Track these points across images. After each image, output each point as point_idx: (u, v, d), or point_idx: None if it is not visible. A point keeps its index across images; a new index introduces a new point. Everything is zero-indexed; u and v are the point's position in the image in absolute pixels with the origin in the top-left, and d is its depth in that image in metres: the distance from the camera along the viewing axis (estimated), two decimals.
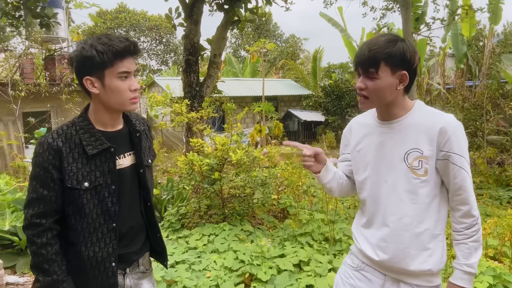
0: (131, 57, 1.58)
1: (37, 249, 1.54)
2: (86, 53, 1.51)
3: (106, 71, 1.53)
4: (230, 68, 24.04)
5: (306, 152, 1.71)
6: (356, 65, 1.60)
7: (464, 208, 1.59)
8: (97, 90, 1.56)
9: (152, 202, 1.81)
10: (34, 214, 1.54)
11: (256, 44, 15.36)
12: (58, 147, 1.54)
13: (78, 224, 1.59)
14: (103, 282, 1.63)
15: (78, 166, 1.56)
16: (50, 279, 1.54)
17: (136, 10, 35.06)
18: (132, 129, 1.73)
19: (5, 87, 9.23)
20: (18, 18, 5.20)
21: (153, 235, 1.83)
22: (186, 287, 3.49)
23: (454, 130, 1.55)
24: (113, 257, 1.63)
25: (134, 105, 1.62)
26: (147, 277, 1.82)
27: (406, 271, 1.63)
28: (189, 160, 4.71)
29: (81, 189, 1.56)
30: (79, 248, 1.60)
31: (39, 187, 1.54)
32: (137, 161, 1.73)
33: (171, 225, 4.96)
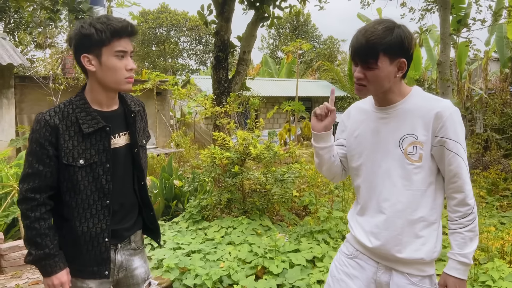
0: (128, 37, 1.62)
1: (30, 223, 1.59)
2: (85, 31, 1.56)
3: (104, 49, 1.58)
4: (266, 68, 24.10)
5: (328, 103, 1.66)
6: (353, 55, 1.57)
7: (459, 196, 1.55)
8: (94, 68, 1.60)
9: (145, 181, 1.85)
10: (28, 189, 1.59)
11: (291, 44, 15.32)
12: (55, 125, 1.58)
13: (73, 200, 1.64)
14: (96, 257, 1.68)
15: (74, 143, 1.61)
16: (42, 253, 1.60)
17: (177, 11, 35.79)
18: (127, 109, 1.78)
19: (46, 81, 9.70)
20: (56, 12, 5.47)
21: (146, 213, 1.88)
22: (198, 275, 3.55)
23: (450, 115, 1.51)
24: (106, 232, 1.69)
25: (129, 84, 1.66)
26: (138, 254, 1.87)
27: (398, 258, 1.61)
28: (211, 153, 4.77)
29: (76, 166, 1.61)
30: (74, 223, 1.65)
31: (35, 163, 1.59)
32: (131, 141, 1.77)
33: (192, 217, 5.04)
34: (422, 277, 1.61)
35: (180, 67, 37.47)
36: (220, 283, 3.52)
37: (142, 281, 1.88)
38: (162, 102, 13.07)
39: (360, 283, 1.72)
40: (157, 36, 35.37)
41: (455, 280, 1.56)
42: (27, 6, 5.75)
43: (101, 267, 1.70)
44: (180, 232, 4.68)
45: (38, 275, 4.02)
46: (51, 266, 1.62)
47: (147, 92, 10.78)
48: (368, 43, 1.50)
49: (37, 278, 3.94)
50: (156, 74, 9.32)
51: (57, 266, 1.63)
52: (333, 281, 1.81)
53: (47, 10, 5.38)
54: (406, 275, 1.61)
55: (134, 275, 1.85)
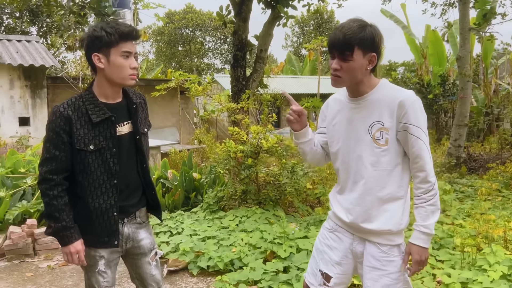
0: (133, 40, 1.90)
1: (50, 200, 1.85)
2: (97, 34, 1.83)
3: (112, 49, 1.84)
4: (289, 66, 24.26)
5: (293, 107, 1.93)
6: (331, 48, 1.80)
7: (421, 175, 1.75)
8: (102, 65, 1.86)
9: (147, 164, 2.13)
10: (47, 171, 1.84)
11: (313, 41, 15.45)
12: (68, 115, 1.84)
13: (85, 180, 1.90)
14: (106, 229, 1.95)
15: (84, 131, 1.87)
16: (60, 225, 1.86)
17: (202, 11, 36.34)
18: (129, 101, 2.04)
19: (76, 81, 10.22)
20: (83, 17, 5.87)
21: (149, 192, 2.14)
22: (211, 257, 3.83)
23: (412, 103, 1.72)
24: (115, 208, 1.95)
25: (133, 80, 1.92)
26: (143, 228, 2.14)
27: (369, 230, 1.82)
28: (226, 147, 5.05)
29: (87, 151, 1.87)
30: (86, 200, 1.91)
31: (52, 149, 1.84)
32: (134, 129, 2.03)
33: (209, 207, 5.34)
34: (391, 246, 1.82)
35: (205, 66, 38.01)
36: (232, 265, 3.80)
37: (149, 250, 2.13)
38: (186, 100, 13.46)
39: (339, 253, 1.95)
40: (183, 36, 36.03)
41: (418, 248, 1.76)
42: (57, 11, 6.17)
43: (111, 238, 1.96)
44: (198, 221, 4.98)
45: None
46: (67, 237, 1.87)
47: (171, 91, 11.15)
48: (345, 37, 1.73)
49: None
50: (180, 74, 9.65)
51: (73, 237, 1.88)
52: (317, 252, 2.06)
53: (75, 14, 5.78)
54: (377, 245, 1.83)
55: (141, 245, 2.10)
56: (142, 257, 2.13)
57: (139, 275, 2.16)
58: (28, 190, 5.20)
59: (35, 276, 3.94)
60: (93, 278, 2.01)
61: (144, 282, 2.17)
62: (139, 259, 2.13)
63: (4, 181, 5.15)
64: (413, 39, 17.76)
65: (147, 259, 2.14)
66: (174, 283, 3.71)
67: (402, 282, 1.82)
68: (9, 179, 5.22)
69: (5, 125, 9.96)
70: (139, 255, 2.12)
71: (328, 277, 1.96)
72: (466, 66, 9.08)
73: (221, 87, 18.98)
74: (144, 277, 2.16)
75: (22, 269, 4.12)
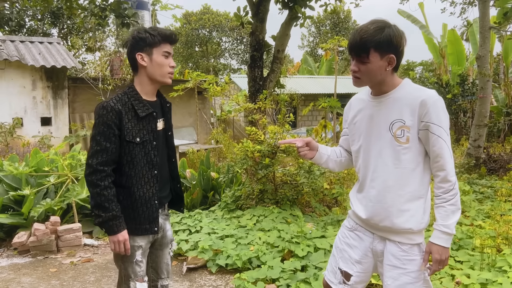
0: (172, 43, 2.10)
1: (101, 190, 1.95)
2: (141, 35, 2.03)
3: (154, 49, 2.04)
4: (305, 66, 24.20)
5: (298, 144, 2.01)
6: (349, 50, 1.84)
7: (442, 174, 1.77)
8: (145, 63, 2.05)
9: (176, 158, 2.30)
10: (99, 163, 1.96)
11: (329, 41, 15.40)
12: (119, 109, 1.99)
13: (132, 171, 2.05)
14: (148, 216, 2.10)
15: (132, 125, 2.03)
16: (110, 215, 1.97)
17: (219, 11, 36.50)
18: (163, 101, 2.24)
19: (96, 82, 10.42)
20: (104, 19, 6.00)
21: (174, 185, 2.33)
22: (230, 255, 3.88)
23: (434, 102, 1.74)
24: (156, 196, 2.12)
25: (170, 79, 2.12)
26: (168, 220, 2.34)
27: (389, 228, 1.84)
28: (244, 146, 5.10)
29: (134, 143, 2.03)
30: (132, 189, 2.05)
31: (103, 141, 1.97)
32: (166, 126, 2.22)
33: (227, 206, 5.40)
34: (411, 245, 1.84)
35: (222, 67, 38.16)
36: (250, 264, 3.84)
37: (170, 241, 2.35)
38: (203, 101, 13.58)
39: (359, 252, 1.98)
40: (200, 37, 36.22)
41: (438, 248, 1.77)
42: (79, 14, 6.31)
43: (152, 225, 2.11)
44: (216, 219, 5.04)
45: (89, 254, 4.51)
46: (117, 226, 2.00)
47: (189, 92, 11.28)
48: (361, 40, 1.77)
49: (89, 256, 4.43)
50: (197, 74, 9.76)
51: (121, 226, 2.01)
52: (337, 251, 2.08)
53: (96, 16, 5.91)
54: (397, 244, 1.85)
55: (167, 235, 2.31)
56: (165, 247, 2.33)
57: (156, 264, 2.32)
58: (51, 188, 5.33)
59: (59, 272, 4.05)
60: (130, 269, 2.12)
61: (158, 270, 2.34)
62: (162, 249, 2.31)
63: (28, 179, 5.29)
64: (431, 38, 17.55)
65: (167, 250, 2.35)
66: (193, 281, 3.77)
67: (422, 281, 1.84)
68: (33, 177, 5.36)
69: (28, 125, 10.21)
70: (163, 245, 2.31)
71: (348, 275, 1.99)
72: (486, 66, 8.94)
73: (238, 87, 19.06)
74: (161, 266, 2.34)
75: (46, 265, 4.24)
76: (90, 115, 11.37)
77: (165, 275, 2.37)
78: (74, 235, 4.65)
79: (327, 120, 10.41)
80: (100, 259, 4.37)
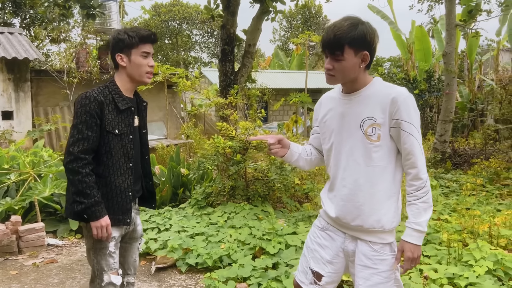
0: (151, 43, 2.17)
1: (82, 177, 2.00)
2: (120, 36, 2.11)
3: (133, 50, 2.12)
4: (277, 61, 24.22)
5: (270, 141, 1.97)
6: (323, 48, 1.80)
7: (413, 171, 1.76)
8: (124, 64, 2.13)
9: (149, 156, 2.37)
10: (80, 150, 2.01)
11: (300, 36, 15.42)
12: (101, 100, 2.06)
13: (109, 161, 2.11)
14: (123, 207, 2.16)
15: (112, 116, 2.10)
16: (92, 201, 2.02)
17: (189, 4, 35.96)
18: (139, 99, 2.32)
19: (61, 74, 10.04)
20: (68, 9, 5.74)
21: (146, 182, 2.38)
22: (200, 254, 3.81)
23: (405, 100, 1.72)
24: (131, 188, 2.19)
25: (149, 78, 2.19)
26: (138, 215, 2.38)
27: (361, 228, 1.82)
28: (214, 142, 5.02)
29: (113, 134, 2.10)
30: (110, 179, 2.11)
31: (85, 130, 2.02)
32: (141, 124, 2.30)
33: (198, 203, 5.31)
34: (383, 244, 1.82)
35: (192, 60, 37.69)
36: (220, 262, 3.78)
37: (140, 236, 2.39)
38: (173, 95, 13.33)
39: (330, 252, 1.95)
40: (170, 29, 35.60)
41: (411, 246, 1.77)
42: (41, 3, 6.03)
43: (125, 216, 2.17)
44: (186, 217, 4.95)
45: (53, 254, 4.34)
46: (99, 212, 2.04)
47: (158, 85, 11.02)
48: (335, 37, 1.73)
49: (52, 257, 4.26)
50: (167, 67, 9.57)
51: (103, 211, 2.06)
52: (307, 251, 2.05)
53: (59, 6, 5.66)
54: (369, 243, 1.83)
55: (137, 230, 2.36)
56: (134, 242, 2.37)
57: (124, 258, 2.34)
58: (12, 186, 5.10)
59: (20, 274, 3.87)
60: (103, 261, 2.14)
61: (126, 266, 2.36)
62: (131, 244, 2.36)
63: None
64: (400, 34, 17.89)
65: (136, 245, 2.39)
66: (162, 280, 3.68)
67: (393, 281, 1.83)
68: None
69: None
70: (132, 240, 2.35)
71: (319, 275, 1.96)
72: (452, 62, 9.17)
73: (209, 81, 18.86)
74: (128, 261, 2.37)
75: (6, 267, 4.04)
76: (54, 109, 10.96)
77: (131, 271, 2.39)
78: (36, 235, 4.46)
79: (298, 115, 10.45)
80: (65, 260, 4.21)
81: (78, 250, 4.48)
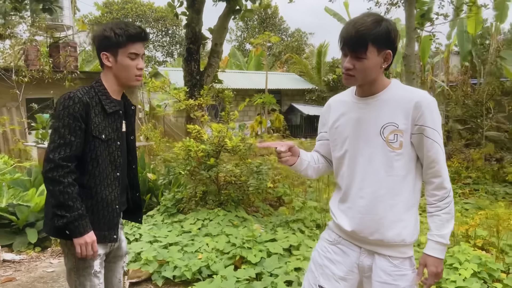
0: (141, 42, 1.91)
1: (64, 188, 1.76)
2: (106, 34, 1.85)
3: (120, 50, 1.87)
4: (234, 61, 24.05)
5: (280, 148, 1.75)
6: (343, 45, 1.63)
7: (437, 181, 1.65)
8: (110, 64, 1.89)
9: (136, 165, 2.11)
10: (61, 158, 1.77)
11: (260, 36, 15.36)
12: (87, 101, 1.82)
13: (96, 169, 1.87)
14: (109, 221, 1.92)
15: (98, 120, 1.86)
16: (76, 214, 1.78)
17: (142, 1, 35.00)
18: (127, 103, 2.06)
19: (9, 73, 9.32)
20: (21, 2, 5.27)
21: (132, 194, 2.14)
22: (177, 266, 3.57)
23: (429, 104, 1.61)
24: (118, 200, 1.95)
25: (138, 82, 1.96)
26: (122, 230, 2.13)
27: (380, 242, 1.69)
28: (186, 146, 4.77)
29: (100, 139, 1.87)
30: (95, 190, 1.88)
31: (67, 134, 1.79)
32: (128, 129, 2.05)
33: (167, 210, 5.03)
34: (403, 259, 1.70)
35: (146, 59, 36.73)
36: (199, 274, 3.56)
37: (124, 254, 2.15)
38: (130, 95, 12.84)
39: (343, 268, 1.80)
40: None
41: (434, 260, 1.66)
42: None
43: (111, 231, 1.93)
44: (156, 225, 4.67)
45: (10, 271, 3.93)
46: (83, 226, 1.80)
47: None
48: (358, 33, 1.57)
49: (10, 275, 3.85)
50: None
51: (88, 226, 1.82)
52: (315, 267, 1.88)
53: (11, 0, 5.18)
54: (388, 258, 1.70)
55: (122, 247, 2.12)
56: (118, 260, 2.14)
57: (107, 279, 2.09)
58: None
59: None
60: (87, 283, 1.91)
61: (109, 287, 2.12)
62: (115, 262, 2.12)
63: None
64: None
65: (121, 263, 2.16)
66: None
67: None
68: None
69: None
70: (117, 258, 2.12)
71: None
72: (412, 64, 9.41)
73: None
74: (113, 282, 2.13)
75: None
76: (1, 110, 10.19)
77: None
78: None
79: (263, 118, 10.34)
80: (25, 277, 3.81)
81: (38, 266, 4.09)
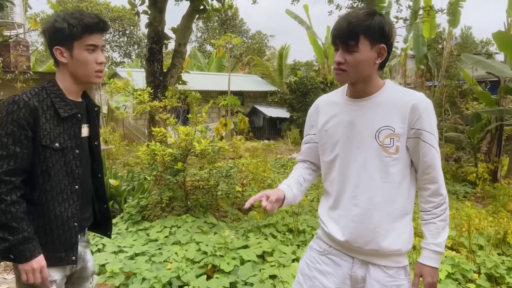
0: (100, 33, 1.69)
1: (6, 206, 1.54)
2: (58, 25, 1.63)
3: (75, 43, 1.65)
4: (195, 62, 23.73)
5: (264, 204, 1.59)
6: (334, 38, 1.55)
7: (433, 187, 1.58)
8: (65, 60, 1.67)
9: (103, 174, 1.90)
10: (4, 172, 1.55)
11: (222, 38, 15.18)
12: (35, 106, 1.59)
13: (47, 184, 1.65)
14: (65, 241, 1.70)
15: (50, 126, 1.63)
16: (20, 237, 1.56)
17: (98, 0, 33.93)
18: (90, 104, 1.84)
19: None
20: None
21: (99, 206, 1.92)
22: (146, 278, 3.35)
23: (426, 107, 1.54)
24: (76, 217, 1.72)
25: (99, 78, 1.73)
26: (88, 248, 1.93)
27: (376, 252, 1.60)
28: (151, 150, 4.55)
29: (52, 149, 1.63)
30: (47, 207, 1.65)
31: (11, 144, 1.56)
32: (92, 134, 1.83)
33: (131, 217, 4.79)
34: (398, 268, 1.62)
35: None
36: (170, 286, 3.36)
37: (91, 274, 1.93)
38: None
39: (334, 279, 1.69)
40: None
41: (430, 270, 1.59)
42: None
43: (68, 253, 1.71)
44: (120, 234, 4.41)
45: None
46: (30, 251, 1.59)
47: None
48: (349, 25, 1.50)
49: None
50: None
51: (35, 250, 1.60)
52: (304, 279, 1.77)
53: None
54: (383, 268, 1.61)
55: (87, 267, 1.90)
56: (84, 282, 1.93)
57: None
58: None
59: None
60: None
61: None
62: (80, 284, 1.91)
63: None
64: (316, 39, 18.51)
65: (87, 285, 1.95)
66: None
67: None
68: None
69: None
70: (82, 279, 1.91)
71: None
72: None
73: None
74: None
75: None
76: None
77: None
78: None
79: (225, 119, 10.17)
80: None
81: None
